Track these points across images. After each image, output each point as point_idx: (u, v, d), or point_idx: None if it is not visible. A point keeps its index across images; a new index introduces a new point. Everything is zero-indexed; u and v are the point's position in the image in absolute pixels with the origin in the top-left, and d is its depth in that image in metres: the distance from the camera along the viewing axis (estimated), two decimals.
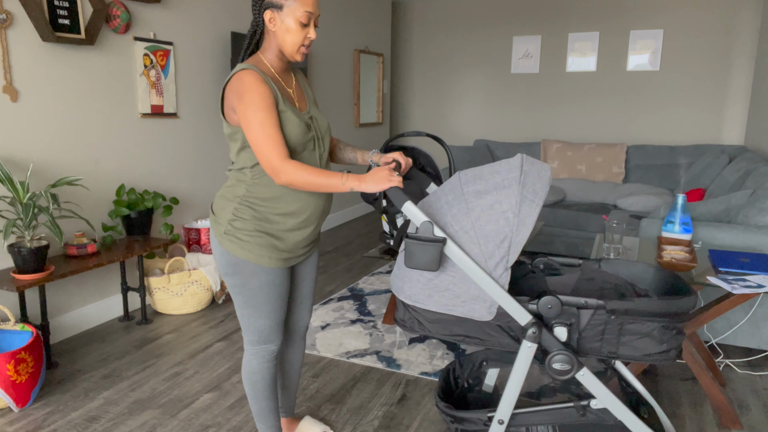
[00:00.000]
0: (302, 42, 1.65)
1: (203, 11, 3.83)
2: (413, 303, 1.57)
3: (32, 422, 2.28)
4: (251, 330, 1.81)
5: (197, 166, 3.92)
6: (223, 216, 1.73)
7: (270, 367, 1.87)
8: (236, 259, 1.71)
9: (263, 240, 1.71)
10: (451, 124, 6.79)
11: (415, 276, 1.54)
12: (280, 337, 1.86)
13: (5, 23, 2.66)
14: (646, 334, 1.47)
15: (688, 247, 2.41)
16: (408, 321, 1.60)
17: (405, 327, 1.61)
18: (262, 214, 1.70)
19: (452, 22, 6.54)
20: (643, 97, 5.72)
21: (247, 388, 1.90)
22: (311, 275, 2.00)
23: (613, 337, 1.50)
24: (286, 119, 1.63)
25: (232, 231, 1.71)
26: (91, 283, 3.22)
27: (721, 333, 2.86)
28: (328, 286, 3.96)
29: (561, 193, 5.11)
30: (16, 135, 2.77)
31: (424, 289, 1.54)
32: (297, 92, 1.78)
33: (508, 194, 1.47)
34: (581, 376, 1.56)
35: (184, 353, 2.91)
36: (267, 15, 1.63)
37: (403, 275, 1.57)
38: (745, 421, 2.34)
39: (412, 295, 1.56)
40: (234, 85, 1.60)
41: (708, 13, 5.34)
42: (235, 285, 1.76)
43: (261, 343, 1.83)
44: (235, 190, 1.72)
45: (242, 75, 1.59)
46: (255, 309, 1.78)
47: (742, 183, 3.38)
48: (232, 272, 1.74)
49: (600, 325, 1.49)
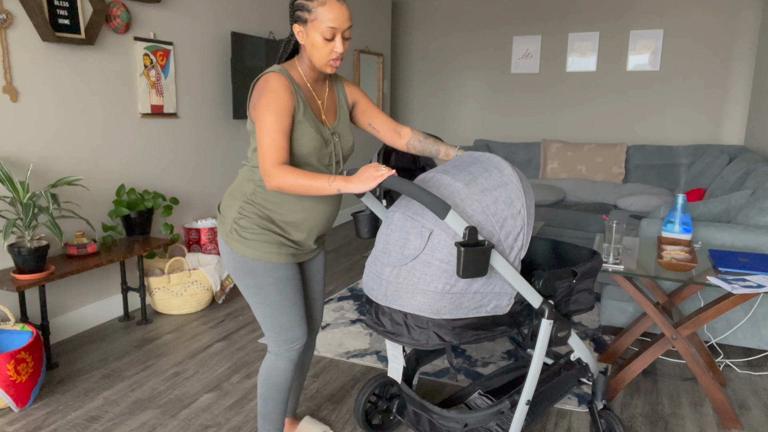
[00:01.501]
0: (329, 56, 1.63)
1: (203, 11, 3.83)
2: (440, 316, 1.50)
3: (32, 422, 2.28)
4: (275, 329, 1.77)
5: (197, 166, 3.92)
6: (229, 214, 1.72)
7: (293, 369, 1.84)
8: (245, 259, 1.69)
9: (269, 237, 1.69)
10: (451, 124, 6.79)
11: (441, 288, 1.49)
12: (305, 333, 1.82)
13: (5, 23, 2.66)
14: (586, 289, 1.79)
15: (688, 247, 2.41)
16: (422, 338, 1.53)
17: (416, 345, 1.54)
18: (266, 215, 1.69)
19: (452, 22, 6.54)
20: (643, 97, 5.72)
21: (264, 389, 1.85)
22: (320, 275, 1.99)
23: (570, 298, 1.76)
24: (303, 130, 1.62)
25: (237, 229, 1.69)
26: (91, 283, 3.22)
27: (721, 333, 2.86)
28: (328, 286, 3.96)
29: (561, 193, 5.11)
30: (16, 135, 2.77)
31: (453, 299, 1.51)
32: (328, 105, 1.76)
33: (514, 189, 1.58)
34: (571, 336, 1.84)
35: (184, 353, 2.91)
36: (296, 29, 1.63)
37: (419, 290, 1.50)
38: (745, 421, 2.34)
39: (440, 309, 1.51)
40: (260, 84, 1.61)
41: (708, 13, 5.34)
42: (248, 286, 1.73)
43: (287, 342, 1.79)
44: (244, 188, 1.72)
45: (269, 77, 1.60)
46: (274, 307, 1.75)
47: (742, 183, 3.38)
48: (243, 273, 1.71)
49: (565, 289, 1.73)
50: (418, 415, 1.84)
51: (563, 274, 1.71)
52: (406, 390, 1.89)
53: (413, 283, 1.51)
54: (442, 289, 1.49)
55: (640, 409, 2.41)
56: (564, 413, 2.37)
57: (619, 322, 3.09)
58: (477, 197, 1.54)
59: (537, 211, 4.81)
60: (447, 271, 1.49)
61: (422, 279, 1.50)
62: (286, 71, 1.64)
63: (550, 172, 5.52)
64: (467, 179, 1.58)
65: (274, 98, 1.56)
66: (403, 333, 1.55)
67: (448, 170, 1.64)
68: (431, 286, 1.49)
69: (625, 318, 3.07)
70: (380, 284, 1.58)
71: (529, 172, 5.70)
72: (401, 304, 1.53)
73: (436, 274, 1.49)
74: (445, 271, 1.49)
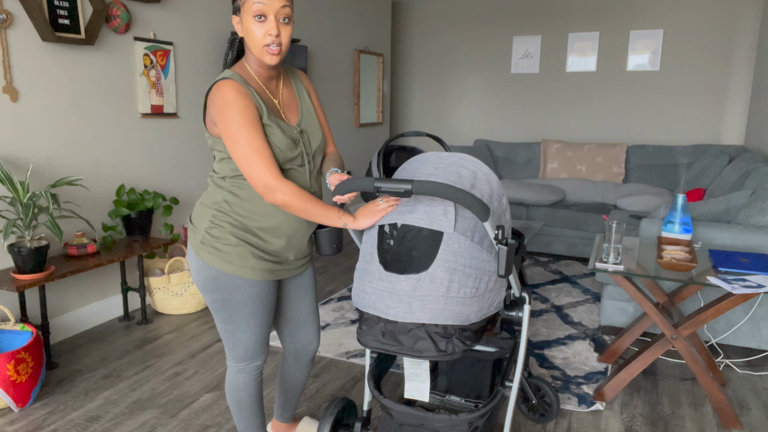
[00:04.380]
0: (263, 41, 1.48)
1: (203, 11, 3.83)
2: (471, 322, 1.45)
3: (32, 422, 2.28)
4: (236, 347, 1.69)
5: (197, 166, 3.92)
6: (201, 223, 1.62)
7: (257, 384, 1.77)
8: (215, 272, 1.59)
9: (244, 249, 1.59)
10: (451, 124, 6.79)
11: (468, 293, 1.42)
12: (266, 352, 1.76)
13: (5, 23, 2.66)
14: None
15: (688, 247, 2.41)
16: (449, 348, 1.43)
17: (449, 356, 1.45)
18: (240, 223, 1.60)
19: (452, 22, 6.54)
20: (643, 97, 5.72)
21: (232, 405, 1.79)
22: (309, 294, 1.88)
23: None
24: (270, 134, 1.53)
25: (209, 240, 1.59)
26: (91, 283, 3.22)
27: (721, 333, 2.86)
28: (328, 286, 3.96)
29: (561, 193, 5.11)
30: (16, 135, 2.77)
31: (480, 301, 1.45)
32: (285, 101, 1.65)
33: (491, 181, 1.57)
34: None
35: (184, 353, 2.91)
36: (234, 21, 1.54)
37: (453, 298, 1.41)
38: (745, 421, 2.34)
39: (470, 315, 1.43)
40: (214, 97, 1.50)
41: (708, 13, 5.34)
42: (215, 300, 1.63)
43: (247, 360, 1.72)
44: (214, 197, 1.62)
45: (221, 86, 1.49)
46: (239, 325, 1.66)
47: (742, 183, 3.38)
48: (212, 287, 1.61)
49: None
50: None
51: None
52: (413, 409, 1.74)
53: (441, 292, 1.40)
54: (471, 294, 1.42)
55: (640, 409, 2.41)
56: (564, 413, 2.37)
57: (619, 322, 3.09)
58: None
59: (537, 211, 4.81)
60: (471, 276, 1.41)
61: (450, 287, 1.40)
62: (237, 75, 1.53)
63: (550, 172, 5.52)
64: (451, 180, 1.52)
65: (237, 110, 1.46)
66: (429, 348, 1.44)
67: (424, 170, 1.58)
68: (460, 292, 1.41)
69: (625, 318, 3.07)
70: (399, 300, 1.42)
71: (529, 172, 5.71)
72: (431, 317, 1.41)
73: (463, 280, 1.41)
74: (469, 276, 1.41)
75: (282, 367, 2.01)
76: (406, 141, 7.01)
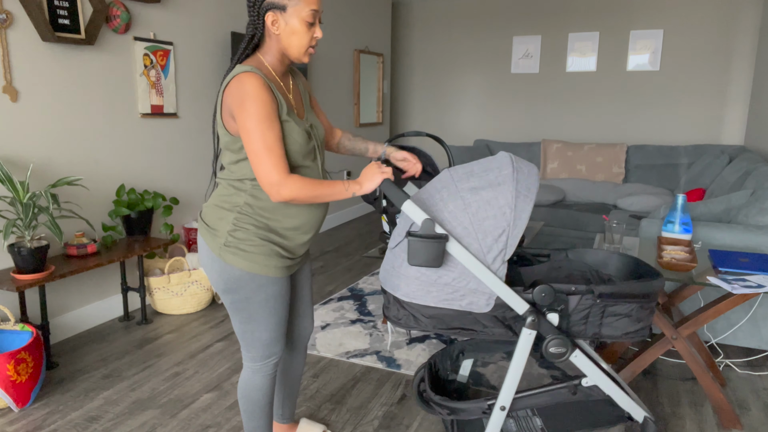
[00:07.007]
0: (309, 43, 1.56)
1: (203, 11, 3.83)
2: (410, 300, 1.57)
3: (32, 422, 2.28)
4: (255, 346, 1.71)
5: (197, 166, 3.92)
6: (222, 227, 1.61)
7: (272, 383, 1.79)
8: (240, 273, 1.60)
9: (267, 248, 1.61)
10: (451, 124, 6.79)
11: (413, 273, 1.55)
12: (283, 348, 1.77)
13: (5, 23, 2.66)
14: (626, 314, 1.61)
15: (688, 247, 2.41)
16: (403, 318, 1.61)
17: (400, 324, 1.62)
18: (264, 224, 1.61)
19: (452, 22, 6.54)
20: (643, 97, 5.72)
21: (246, 406, 1.79)
22: (308, 283, 1.95)
23: (596, 320, 1.62)
24: (290, 129, 1.54)
25: (234, 242, 1.59)
26: (91, 283, 3.22)
27: (721, 333, 2.86)
28: (328, 286, 3.96)
29: (561, 193, 5.11)
30: (16, 135, 2.77)
31: (422, 285, 1.56)
32: (295, 98, 1.67)
33: (503, 190, 1.54)
34: (574, 357, 1.67)
35: (184, 353, 2.91)
36: (269, 18, 1.52)
37: (398, 273, 1.59)
38: (745, 421, 2.34)
39: (410, 293, 1.57)
40: (234, 89, 1.48)
41: (708, 13, 5.34)
42: (237, 301, 1.64)
43: (265, 358, 1.74)
44: (234, 200, 1.61)
45: (244, 78, 1.47)
46: (259, 323, 1.68)
47: (742, 183, 3.38)
48: (235, 288, 1.62)
49: (585, 309, 1.61)
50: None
51: (579, 290, 1.59)
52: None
53: (397, 265, 1.60)
54: (414, 275, 1.55)
55: None
56: None
57: None
58: (462, 194, 1.55)
59: (537, 211, 4.81)
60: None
61: (402, 264, 1.58)
62: (257, 69, 1.51)
63: (550, 172, 5.52)
64: (462, 177, 1.60)
65: (259, 103, 1.45)
66: (393, 312, 1.64)
67: (457, 168, 1.66)
68: (409, 271, 1.56)
69: None
70: (389, 272, 1.65)
71: None
72: (391, 287, 1.62)
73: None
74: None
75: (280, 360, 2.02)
76: (406, 141, 7.01)
